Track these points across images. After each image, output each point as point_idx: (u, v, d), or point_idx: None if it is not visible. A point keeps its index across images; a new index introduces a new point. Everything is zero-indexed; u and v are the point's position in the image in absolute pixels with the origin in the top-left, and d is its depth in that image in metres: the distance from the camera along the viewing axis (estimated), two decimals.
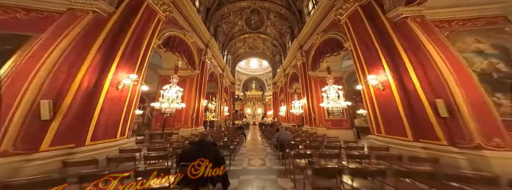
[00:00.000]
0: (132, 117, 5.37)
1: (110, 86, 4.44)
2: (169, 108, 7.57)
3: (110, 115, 4.51)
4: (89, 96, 4.09)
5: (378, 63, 5.11)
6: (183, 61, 9.60)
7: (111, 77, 4.49)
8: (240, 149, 7.37)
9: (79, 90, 3.89)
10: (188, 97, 10.23)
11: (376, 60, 5.19)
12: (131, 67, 5.21)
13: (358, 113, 14.23)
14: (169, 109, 7.57)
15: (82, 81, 3.95)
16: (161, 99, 7.40)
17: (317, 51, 10.52)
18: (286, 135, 5.47)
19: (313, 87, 11.09)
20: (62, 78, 3.71)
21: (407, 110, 4.09)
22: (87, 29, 4.32)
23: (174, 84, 8.11)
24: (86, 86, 4.03)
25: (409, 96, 4.09)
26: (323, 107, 10.49)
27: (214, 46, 13.43)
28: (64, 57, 3.80)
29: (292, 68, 15.47)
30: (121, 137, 4.86)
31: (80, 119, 3.89)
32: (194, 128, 9.92)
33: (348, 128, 9.98)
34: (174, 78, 8.19)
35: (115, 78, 4.61)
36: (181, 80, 10.59)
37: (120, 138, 4.83)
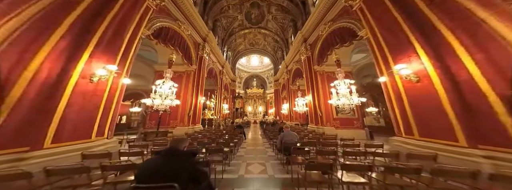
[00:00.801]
0: (113, 115, 4.48)
1: (80, 78, 3.53)
2: (162, 105, 6.67)
3: (82, 112, 3.62)
4: (51, 87, 3.18)
5: (408, 50, 4.17)
6: (178, 55, 8.66)
7: (82, 67, 3.57)
8: (239, 150, 6.51)
9: (35, 80, 2.98)
10: (185, 93, 9.32)
11: (405, 46, 4.25)
12: (110, 57, 4.29)
13: (367, 111, 13.35)
14: (162, 106, 6.67)
15: (39, 70, 3.04)
16: (153, 94, 6.48)
17: (324, 43, 9.55)
18: (291, 136, 4.56)
19: (319, 83, 10.15)
20: (8, 63, 2.78)
21: (457, 106, 3.15)
22: (48, 10, 3.37)
23: (167, 79, 7.21)
24: (45, 76, 3.12)
25: (460, 87, 3.14)
26: (332, 104, 9.59)
27: (213, 41, 12.47)
28: (13, 39, 2.87)
29: (295, 63, 14.51)
30: (97, 137, 3.96)
31: (37, 115, 2.99)
32: (191, 126, 9.03)
33: (360, 128, 9.06)
34: (167, 73, 7.30)
35: (87, 68, 3.69)
36: (177, 76, 9.69)
37: (97, 139, 3.93)
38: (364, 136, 8.86)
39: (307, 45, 11.47)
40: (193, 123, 9.28)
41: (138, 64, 11.98)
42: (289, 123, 16.02)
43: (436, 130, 3.51)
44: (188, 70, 9.87)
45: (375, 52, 5.49)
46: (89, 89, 3.71)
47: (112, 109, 4.37)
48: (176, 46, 8.38)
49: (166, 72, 7.27)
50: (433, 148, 3.51)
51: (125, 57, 4.83)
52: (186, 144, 1.90)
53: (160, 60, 9.80)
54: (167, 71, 7.31)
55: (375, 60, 5.57)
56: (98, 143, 3.88)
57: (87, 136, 3.69)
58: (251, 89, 26.53)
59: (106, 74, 3.92)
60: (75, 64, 3.44)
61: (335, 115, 9.44)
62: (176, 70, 9.84)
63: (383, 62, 5.08)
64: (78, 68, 3.47)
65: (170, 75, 7.33)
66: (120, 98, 4.71)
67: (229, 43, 19.01)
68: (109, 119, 4.28)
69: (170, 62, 7.74)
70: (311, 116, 10.76)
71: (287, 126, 4.73)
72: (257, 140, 9.26)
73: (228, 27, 17.45)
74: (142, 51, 10.89)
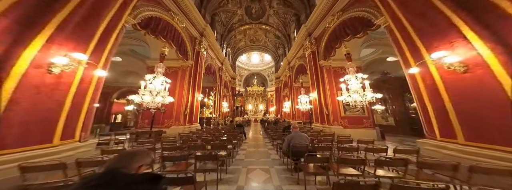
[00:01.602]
0: (88, 113, 3.63)
1: (31, 68, 2.66)
2: (153, 102, 5.82)
3: (37, 110, 2.78)
4: None
5: (449, 34, 3.28)
6: (171, 48, 7.76)
7: (35, 54, 2.70)
8: (238, 153, 5.69)
9: None
10: (180, 90, 8.46)
11: (444, 30, 3.37)
12: (80, 45, 3.42)
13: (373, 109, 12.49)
14: (153, 103, 5.82)
15: None
16: (142, 90, 5.62)
17: (331, 36, 8.65)
18: (301, 139, 3.70)
19: (325, 79, 9.27)
20: None
21: None
22: None
23: (159, 74, 6.35)
24: None
25: None
26: (339, 102, 8.73)
27: (211, 36, 11.57)
28: None
29: (298, 59, 13.60)
30: (64, 141, 3.12)
31: None
32: (187, 126, 8.19)
33: (369, 127, 8.21)
34: (159, 67, 6.44)
35: (43, 56, 2.83)
36: (171, 72, 8.83)
37: (62, 143, 3.09)
38: (374, 136, 8.01)
39: (312, 39, 10.54)
40: (189, 122, 8.44)
41: (132, 60, 11.13)
42: (291, 121, 15.19)
43: (496, 134, 2.65)
44: (183, 66, 8.99)
45: (399, 42, 4.59)
46: (48, 83, 2.86)
47: (85, 106, 3.52)
48: (169, 39, 7.49)
49: (158, 66, 6.42)
50: (488, 156, 2.66)
51: (102, 46, 3.96)
52: (145, 160, 1.05)
53: (153, 55, 8.92)
54: (159, 66, 6.45)
55: (399, 52, 4.67)
56: (64, 148, 3.04)
57: (46, 139, 2.85)
58: (252, 87, 25.65)
59: (71, 64, 3.05)
60: (22, 50, 2.57)
61: (343, 113, 8.58)
62: (170, 66, 8.98)
63: (410, 52, 4.20)
64: (27, 55, 2.61)
65: (162, 70, 6.48)
66: (96, 94, 3.86)
67: (228, 40, 18.07)
68: (80, 118, 3.44)
69: (162, 56, 6.87)
70: (315, 114, 9.91)
71: (296, 126, 3.87)
72: (259, 140, 8.43)
73: (227, 22, 16.50)
74: (136, 46, 10.03)
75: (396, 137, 9.12)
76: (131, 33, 8.80)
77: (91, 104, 3.71)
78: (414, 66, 3.99)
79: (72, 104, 3.20)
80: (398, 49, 4.70)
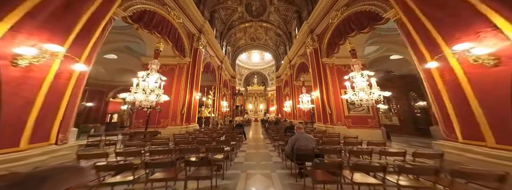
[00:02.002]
0: (67, 112, 3.22)
1: None
2: (146, 101, 5.42)
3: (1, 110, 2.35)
4: None
5: (473, 24, 2.86)
6: (166, 44, 7.33)
7: None
8: (237, 155, 5.29)
9: None
10: (177, 88, 8.05)
11: (468, 20, 2.94)
12: (55, 36, 2.99)
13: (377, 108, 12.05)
14: (146, 102, 5.41)
15: None
16: (134, 88, 5.21)
17: (335, 32, 8.21)
18: (307, 141, 3.28)
19: (328, 77, 8.83)
20: None
21: None
22: None
23: (153, 71, 5.94)
24: None
25: None
26: (343, 101, 8.30)
27: (210, 33, 11.14)
28: None
29: (299, 57, 13.16)
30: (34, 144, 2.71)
31: None
32: (184, 126, 7.78)
33: (375, 127, 7.78)
34: (153, 64, 6.04)
35: (5, 46, 2.41)
36: (168, 70, 8.42)
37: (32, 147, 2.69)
38: (379, 136, 7.58)
39: (314, 36, 10.10)
40: (187, 122, 8.03)
41: (128, 58, 10.70)
42: (293, 121, 14.77)
43: None
44: (181, 63, 8.57)
45: (412, 36, 4.15)
46: (12, 76, 2.45)
47: (63, 104, 3.11)
48: (164, 35, 7.06)
49: (152, 63, 6.01)
50: None
51: (85, 39, 3.54)
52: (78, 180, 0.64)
53: (148, 52, 8.49)
54: (153, 63, 6.05)
55: (412, 47, 4.24)
56: (34, 152, 2.64)
57: (10, 143, 2.44)
58: (252, 86, 25.23)
59: (42, 56, 2.63)
60: None
61: (347, 113, 8.15)
62: (166, 63, 8.56)
63: (426, 46, 3.77)
64: None
65: (156, 67, 6.07)
66: (77, 91, 3.45)
67: (228, 38, 17.63)
68: (57, 118, 3.03)
69: (156, 52, 6.46)
70: (318, 113, 9.49)
71: (300, 127, 3.45)
72: (259, 141, 8.02)
73: (227, 20, 16.05)
74: (131, 43, 9.61)
75: (401, 137, 8.69)
76: (125, 29, 8.40)
77: (72, 102, 3.30)
78: (431, 61, 3.56)
79: (46, 102, 2.79)
80: (411, 43, 4.27)
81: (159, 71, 7.99)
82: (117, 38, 8.84)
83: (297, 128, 3.42)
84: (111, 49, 9.30)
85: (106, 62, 10.61)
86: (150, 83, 5.68)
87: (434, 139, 8.12)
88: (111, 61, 10.68)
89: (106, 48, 9.15)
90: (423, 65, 3.81)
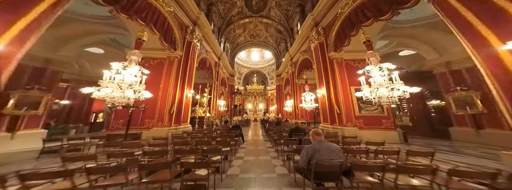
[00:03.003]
0: None
1: None
2: (123, 98, 4.36)
3: None
4: None
5: None
6: (153, 34, 6.25)
7: None
8: (232, 163, 4.27)
9: None
10: (165, 84, 6.98)
11: None
12: None
13: None
14: (121, 99, 4.35)
15: None
16: (105, 82, 4.15)
17: (345, 22, 7.18)
18: (331, 154, 2.11)
19: (336, 73, 7.81)
20: None
21: None
22: None
23: (132, 63, 4.88)
24: None
25: None
26: (353, 99, 7.29)
27: (206, 27, 10.10)
28: None
29: (302, 54, 12.14)
30: None
31: None
32: (173, 127, 6.70)
33: (390, 128, 6.76)
34: (133, 55, 4.98)
35: None
36: (156, 64, 7.36)
37: None
38: (395, 138, 6.58)
39: (320, 30, 9.08)
40: (177, 122, 6.97)
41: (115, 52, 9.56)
42: (294, 121, 13.74)
43: None
44: (171, 57, 7.50)
45: (462, 16, 3.12)
46: None
47: None
48: (150, 22, 6.01)
49: (131, 54, 4.94)
50: None
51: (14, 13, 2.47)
52: None
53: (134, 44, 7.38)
54: (133, 53, 4.97)
55: (461, 30, 3.22)
56: None
57: None
58: (251, 85, 24.18)
59: None
60: None
61: (358, 112, 7.13)
62: (155, 57, 7.51)
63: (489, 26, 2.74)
64: None
65: (137, 58, 4.99)
66: None
67: (227, 34, 16.57)
68: None
69: (138, 42, 5.38)
70: (324, 113, 8.45)
71: (319, 133, 2.37)
72: (259, 144, 6.97)
73: (225, 14, 15.00)
74: (118, 35, 8.52)
75: (415, 139, 7.68)
76: (110, 19, 7.33)
77: None
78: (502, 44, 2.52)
79: None
80: (460, 26, 3.24)
81: (145, 65, 6.96)
82: (101, 29, 7.74)
83: (315, 134, 2.36)
84: (94, 41, 8.19)
85: (91, 57, 9.52)
86: (127, 77, 4.61)
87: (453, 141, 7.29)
88: (97, 55, 9.59)
89: (88, 41, 8.05)
90: (484, 50, 2.77)
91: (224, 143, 4.26)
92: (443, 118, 8.40)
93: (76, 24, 7.06)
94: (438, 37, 8.04)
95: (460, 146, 6.26)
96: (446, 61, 7.95)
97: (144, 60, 7.28)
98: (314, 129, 2.44)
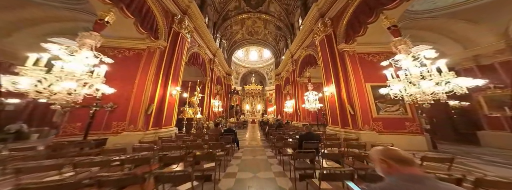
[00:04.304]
0: None
1: None
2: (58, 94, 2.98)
3: None
4: None
5: None
6: (124, 16, 4.85)
7: None
8: (220, 182, 2.96)
9: None
10: (142, 79, 5.58)
11: None
12: None
13: None
14: (57, 96, 2.96)
15: None
16: (30, 70, 2.76)
17: (360, 8, 5.94)
18: None
19: (349, 67, 6.53)
20: None
21: None
22: None
23: (84, 47, 3.52)
24: None
25: None
26: (370, 98, 6.01)
27: (198, 18, 8.78)
28: None
29: (304, 49, 10.90)
30: None
31: None
32: (152, 131, 5.28)
33: (416, 132, 5.48)
34: (88, 37, 3.63)
35: None
36: (133, 55, 5.99)
37: None
38: (422, 145, 5.31)
39: (327, 20, 7.83)
40: (157, 125, 5.55)
41: None
42: (295, 123, 12.40)
43: None
44: (151, 47, 6.10)
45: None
46: None
47: None
48: (119, 1, 4.62)
49: (83, 36, 3.56)
50: None
51: None
52: None
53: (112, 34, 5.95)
54: (87, 35, 3.60)
55: None
56: None
57: None
58: (249, 85, 22.87)
59: None
60: None
61: (376, 114, 5.84)
62: (132, 47, 6.11)
63: None
64: None
65: (94, 42, 3.63)
66: None
67: (223, 30, 15.27)
68: None
69: (99, 23, 4.01)
70: (332, 114, 7.15)
71: (407, 159, 0.86)
72: (257, 152, 5.57)
73: (222, 9, 13.72)
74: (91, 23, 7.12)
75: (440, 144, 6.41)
76: (79, 4, 5.93)
77: None
78: None
79: None
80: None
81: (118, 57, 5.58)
82: (68, 16, 6.31)
83: (397, 161, 0.89)
84: (59, 30, 6.75)
85: None
86: (75, 65, 3.22)
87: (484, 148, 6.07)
88: None
89: (52, 29, 6.60)
90: None
91: (208, 157, 2.89)
92: (467, 120, 7.18)
93: (32, 8, 5.65)
94: (461, 27, 6.90)
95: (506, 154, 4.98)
96: (473, 55, 6.76)
97: (118, 51, 5.88)
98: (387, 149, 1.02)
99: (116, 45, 5.89)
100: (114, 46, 5.86)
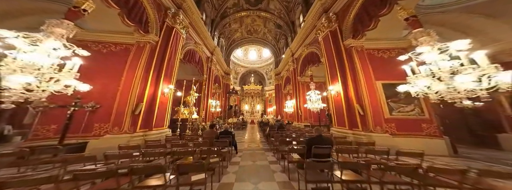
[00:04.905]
0: None
1: None
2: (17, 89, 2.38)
3: None
4: None
5: None
6: (106, 6, 4.24)
7: None
8: None
9: None
10: (129, 76, 4.97)
11: None
12: None
13: None
14: (13, 93, 2.36)
15: None
16: None
17: (367, 2, 5.39)
18: None
19: (357, 64, 5.96)
20: None
21: None
22: None
23: (52, 36, 2.94)
24: None
25: None
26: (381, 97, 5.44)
27: (194, 13, 8.21)
28: None
29: (306, 47, 10.35)
30: None
31: None
32: (140, 133, 4.68)
33: (434, 135, 4.90)
34: (57, 26, 3.06)
35: None
36: (120, 50, 5.40)
37: None
38: (442, 149, 4.72)
39: (331, 15, 7.28)
40: (146, 127, 4.95)
41: None
42: (297, 124, 11.81)
43: None
44: (140, 42, 5.50)
45: None
46: None
47: None
48: None
49: (52, 24, 2.94)
50: None
51: None
52: None
53: (92, 26, 5.35)
54: (57, 23, 2.98)
55: None
56: None
57: None
58: (249, 85, 22.28)
59: None
60: None
61: (388, 114, 5.26)
62: (119, 41, 5.51)
63: None
64: None
65: (64, 32, 3.01)
66: None
67: (221, 28, 14.70)
68: None
69: (73, 11, 3.39)
70: (338, 114, 6.56)
71: None
72: (257, 156, 4.96)
73: (220, 6, 13.16)
74: None
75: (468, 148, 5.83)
76: None
77: None
78: None
79: None
80: None
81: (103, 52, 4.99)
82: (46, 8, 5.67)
83: None
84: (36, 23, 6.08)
85: None
86: (37, 57, 2.62)
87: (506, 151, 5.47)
88: None
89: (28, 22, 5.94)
90: None
91: (197, 168, 2.29)
92: (482, 121, 6.62)
93: None
94: (478, 22, 6.38)
95: None
96: (492, 52, 6.21)
97: (102, 45, 5.28)
98: None
99: (101, 39, 5.30)
100: (98, 40, 5.28)
